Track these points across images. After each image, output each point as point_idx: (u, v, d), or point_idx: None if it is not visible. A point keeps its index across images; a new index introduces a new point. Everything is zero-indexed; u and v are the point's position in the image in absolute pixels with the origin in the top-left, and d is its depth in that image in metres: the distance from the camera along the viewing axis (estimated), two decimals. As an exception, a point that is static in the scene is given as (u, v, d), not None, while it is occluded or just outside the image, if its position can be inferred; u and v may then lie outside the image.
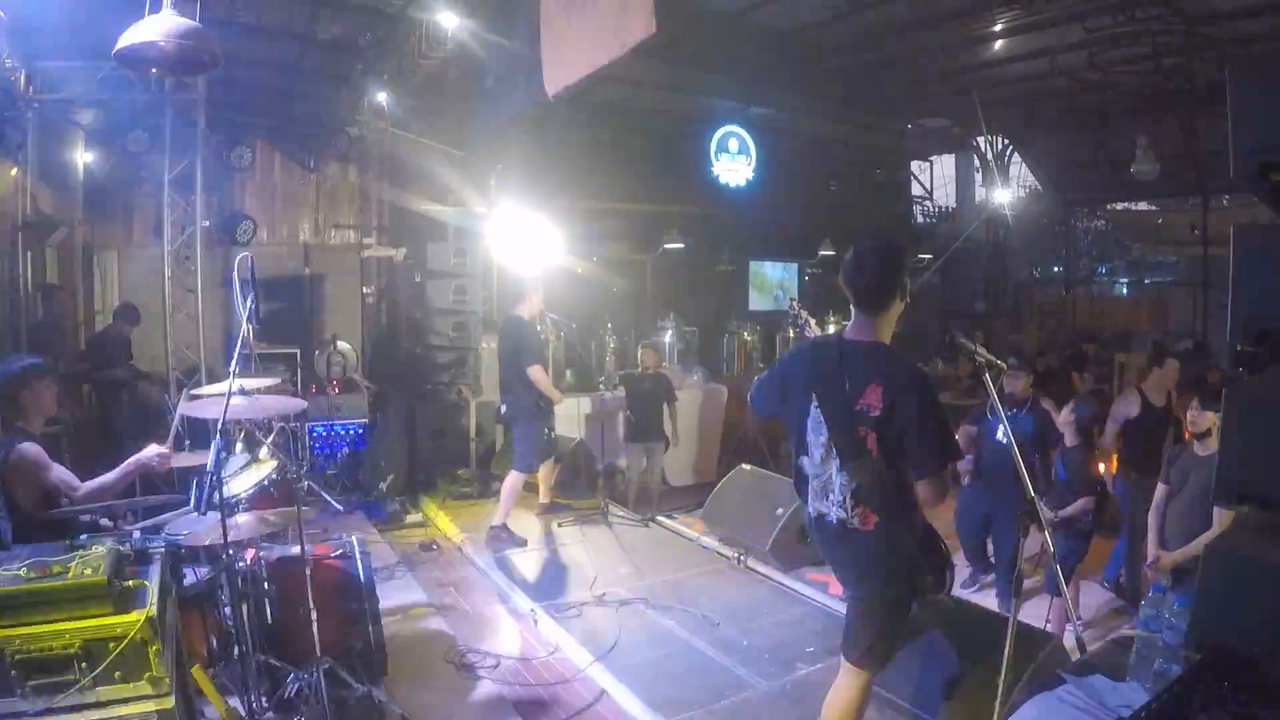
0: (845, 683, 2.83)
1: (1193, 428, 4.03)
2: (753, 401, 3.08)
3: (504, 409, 6.10)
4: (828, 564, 2.97)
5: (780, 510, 5.47)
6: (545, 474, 6.37)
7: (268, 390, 3.67)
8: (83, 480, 3.41)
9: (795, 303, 4.00)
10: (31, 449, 3.34)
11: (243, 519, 3.33)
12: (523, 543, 5.78)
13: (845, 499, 2.63)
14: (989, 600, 5.09)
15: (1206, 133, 9.73)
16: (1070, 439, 4.80)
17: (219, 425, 2.93)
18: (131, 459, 3.49)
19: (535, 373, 5.78)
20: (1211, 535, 3.62)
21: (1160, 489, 4.15)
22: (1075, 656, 3.22)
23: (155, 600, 2.30)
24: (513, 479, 5.82)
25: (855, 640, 2.79)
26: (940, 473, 2.58)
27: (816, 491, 2.74)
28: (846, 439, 2.59)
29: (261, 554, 3.59)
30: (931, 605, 3.66)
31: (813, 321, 3.65)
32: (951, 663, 3.35)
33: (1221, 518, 3.52)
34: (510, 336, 5.97)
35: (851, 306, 2.71)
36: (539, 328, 6.13)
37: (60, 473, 3.38)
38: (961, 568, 5.73)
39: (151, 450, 3.53)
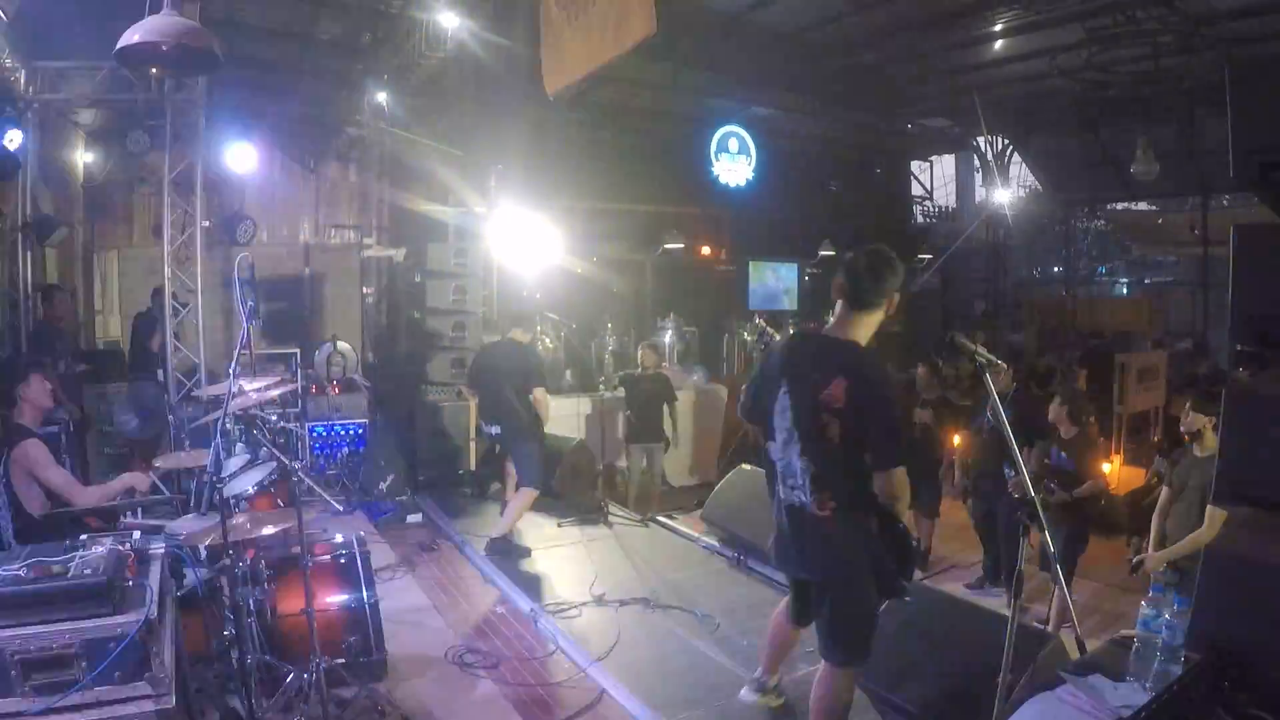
0: (829, 679, 2.90)
1: (1183, 429, 4.04)
2: (742, 414, 3.22)
3: (495, 430, 5.80)
4: (791, 552, 2.95)
5: (780, 510, 5.46)
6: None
7: (267, 388, 3.67)
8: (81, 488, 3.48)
9: (762, 321, 4.09)
10: (34, 446, 3.36)
11: (243, 519, 3.33)
12: (526, 552, 5.72)
13: (805, 483, 2.73)
14: (988, 601, 5.09)
15: (1206, 133, 9.73)
16: (1066, 431, 4.82)
17: (219, 425, 2.94)
18: (121, 480, 3.67)
19: (543, 394, 5.70)
20: (1200, 534, 3.64)
21: (1164, 492, 4.16)
22: (1075, 656, 3.22)
23: (155, 600, 2.30)
24: (526, 495, 5.66)
25: (832, 638, 2.86)
26: (893, 467, 2.65)
27: (779, 478, 2.86)
28: (809, 425, 2.71)
29: (261, 554, 3.59)
30: (931, 604, 3.69)
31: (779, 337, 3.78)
32: (952, 663, 3.35)
33: (1212, 517, 3.53)
34: (507, 360, 5.75)
35: (839, 300, 2.83)
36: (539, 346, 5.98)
37: (61, 475, 3.41)
38: (975, 569, 5.75)
39: (138, 479, 3.72)
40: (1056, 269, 16.69)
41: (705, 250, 11.69)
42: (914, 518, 6.32)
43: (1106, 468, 6.55)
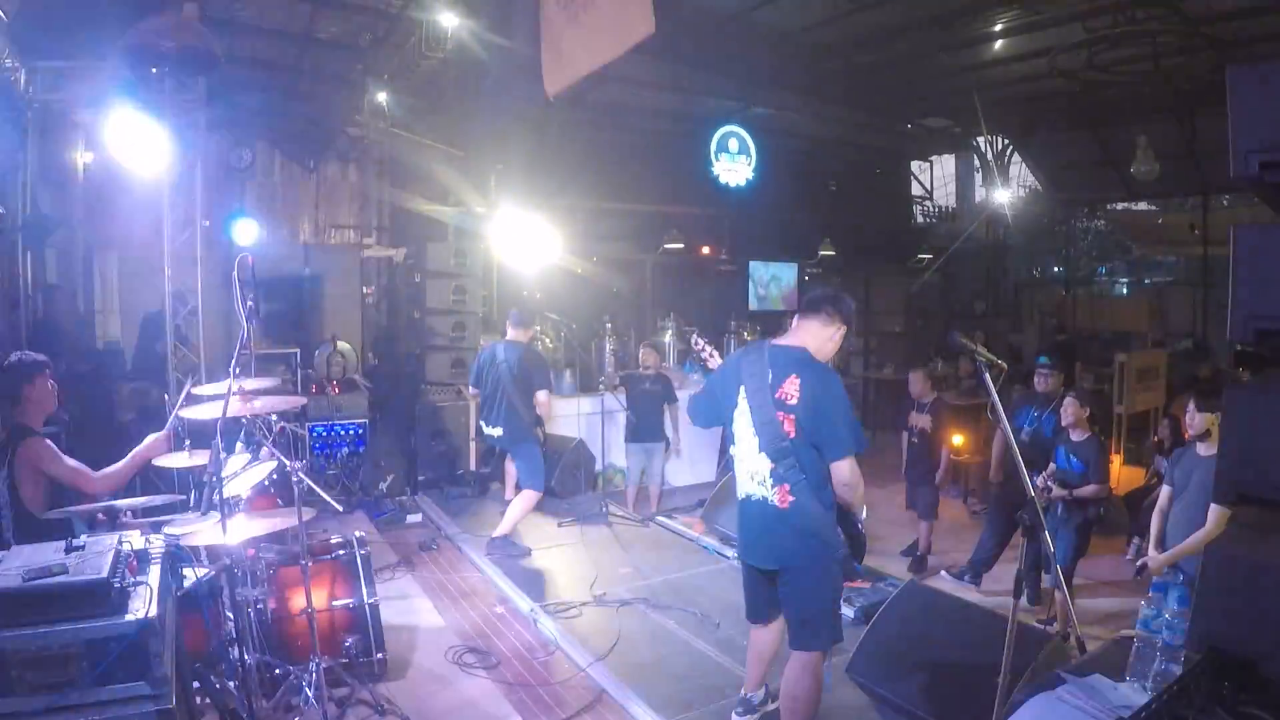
0: (798, 667, 3.04)
1: (1190, 429, 4.03)
2: (690, 415, 3.43)
3: (497, 432, 5.80)
4: (758, 545, 3.17)
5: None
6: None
7: (266, 391, 3.66)
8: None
9: (696, 335, 4.17)
10: (40, 443, 3.36)
11: (243, 519, 3.33)
12: (526, 552, 5.73)
13: (766, 478, 2.97)
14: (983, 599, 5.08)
15: (1206, 133, 9.72)
16: (1077, 434, 4.81)
17: (219, 425, 2.93)
18: (138, 449, 3.62)
19: (546, 397, 5.73)
20: (1203, 535, 3.64)
21: (1164, 491, 4.15)
22: (1075, 656, 3.22)
23: (155, 600, 2.30)
24: (527, 498, 5.68)
25: (800, 624, 3.03)
26: (849, 456, 2.90)
27: (742, 476, 3.09)
28: (767, 425, 2.94)
29: (261, 554, 3.59)
30: (931, 604, 3.69)
31: (716, 354, 3.86)
32: (952, 662, 3.35)
33: (1216, 516, 3.54)
34: (508, 361, 5.76)
35: (795, 316, 3.15)
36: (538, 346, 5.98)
37: (72, 464, 3.41)
38: (959, 559, 5.76)
39: (152, 439, 3.67)
40: (1056, 269, 16.68)
41: (705, 250, 11.68)
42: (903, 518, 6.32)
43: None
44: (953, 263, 13.13)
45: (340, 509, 5.74)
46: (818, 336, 3.06)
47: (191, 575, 3.20)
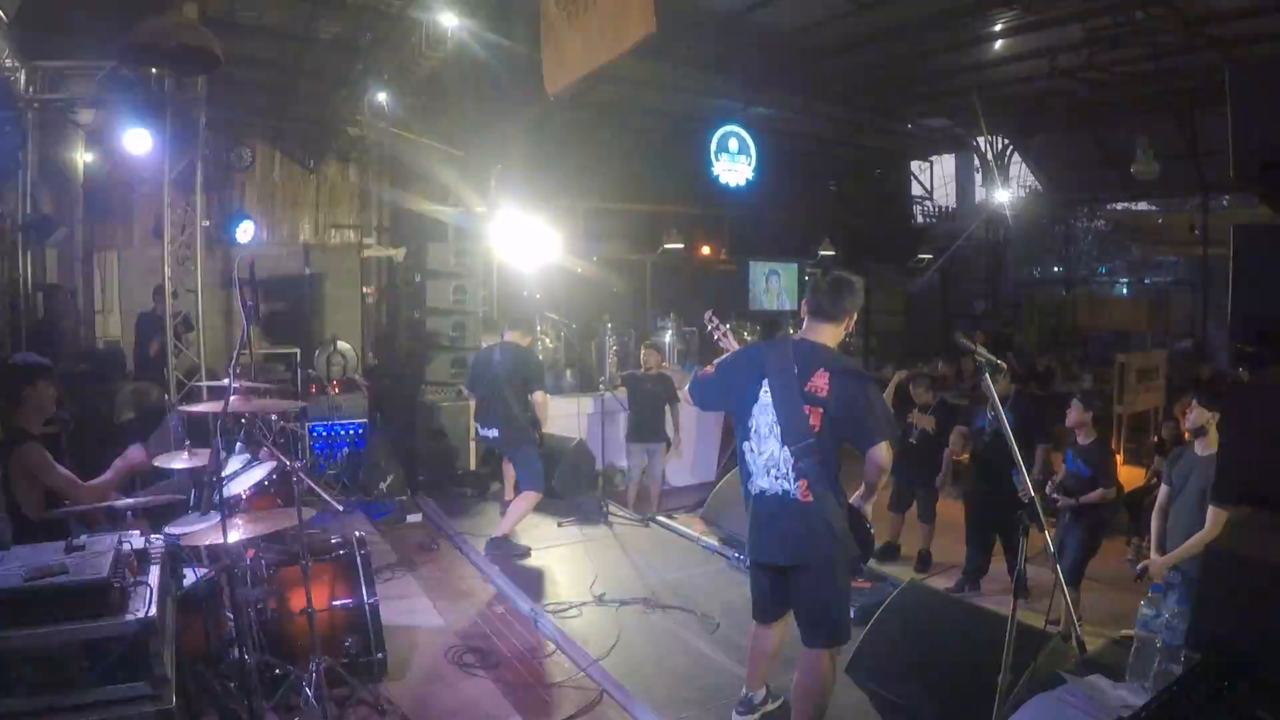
0: (812, 663, 3.03)
1: (1187, 423, 4.05)
2: (693, 395, 3.35)
3: (493, 434, 5.79)
4: (772, 540, 3.10)
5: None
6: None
7: (265, 391, 3.67)
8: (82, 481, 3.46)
9: (712, 314, 4.12)
10: (36, 450, 3.35)
11: (243, 519, 3.33)
12: (525, 552, 5.72)
13: (789, 472, 2.95)
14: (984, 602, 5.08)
15: (1206, 133, 9.73)
16: (1083, 437, 4.80)
17: (218, 426, 2.93)
18: (117, 465, 3.63)
19: (542, 397, 5.72)
20: (1202, 536, 3.64)
21: (1162, 491, 4.15)
22: (1075, 656, 3.22)
23: (155, 600, 2.30)
24: (527, 499, 5.65)
25: (814, 620, 3.03)
26: (885, 441, 2.90)
27: (759, 470, 3.04)
28: (793, 418, 2.93)
29: (261, 554, 3.59)
30: (931, 604, 3.69)
31: (730, 334, 3.86)
32: (952, 663, 3.34)
33: (1214, 518, 3.54)
34: (505, 363, 5.75)
35: (806, 317, 3.14)
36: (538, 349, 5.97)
37: (62, 477, 3.40)
38: (956, 571, 5.76)
39: (132, 450, 3.68)
40: (1056, 269, 16.70)
41: (705, 250, 11.70)
42: (900, 520, 6.28)
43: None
44: (953, 263, 13.16)
45: (340, 509, 5.74)
46: (831, 337, 3.09)
47: (191, 575, 3.21)
